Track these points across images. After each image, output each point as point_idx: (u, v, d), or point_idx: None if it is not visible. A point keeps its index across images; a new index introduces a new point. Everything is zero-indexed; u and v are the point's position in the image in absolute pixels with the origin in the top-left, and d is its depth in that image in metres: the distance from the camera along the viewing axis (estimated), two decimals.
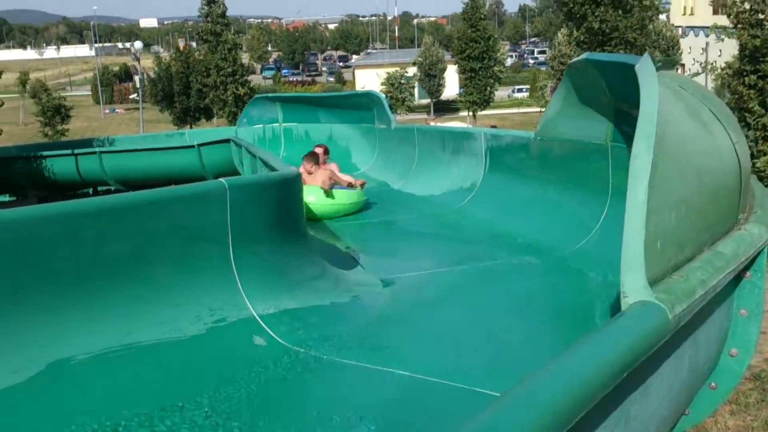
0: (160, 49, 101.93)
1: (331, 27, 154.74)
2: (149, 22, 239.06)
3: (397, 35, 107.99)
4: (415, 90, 53.96)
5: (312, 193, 7.27)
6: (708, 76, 16.66)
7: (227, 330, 3.56)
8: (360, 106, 12.06)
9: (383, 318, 4.22)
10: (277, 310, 3.82)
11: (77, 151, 15.17)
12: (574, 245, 5.36)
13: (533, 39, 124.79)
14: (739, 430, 5.96)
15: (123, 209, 3.33)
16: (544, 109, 8.09)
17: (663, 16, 38.98)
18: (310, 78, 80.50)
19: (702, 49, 30.96)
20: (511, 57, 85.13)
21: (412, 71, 52.29)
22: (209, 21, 38.36)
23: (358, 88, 53.45)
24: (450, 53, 51.44)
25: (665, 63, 3.40)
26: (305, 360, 3.50)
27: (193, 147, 13.65)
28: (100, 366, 3.07)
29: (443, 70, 53.39)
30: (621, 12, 19.51)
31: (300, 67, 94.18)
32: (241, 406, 3.05)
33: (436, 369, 3.35)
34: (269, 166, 6.18)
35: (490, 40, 44.28)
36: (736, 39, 14.11)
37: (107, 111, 65.52)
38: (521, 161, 7.20)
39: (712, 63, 15.66)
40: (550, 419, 1.42)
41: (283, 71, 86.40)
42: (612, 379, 1.67)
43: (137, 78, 43.91)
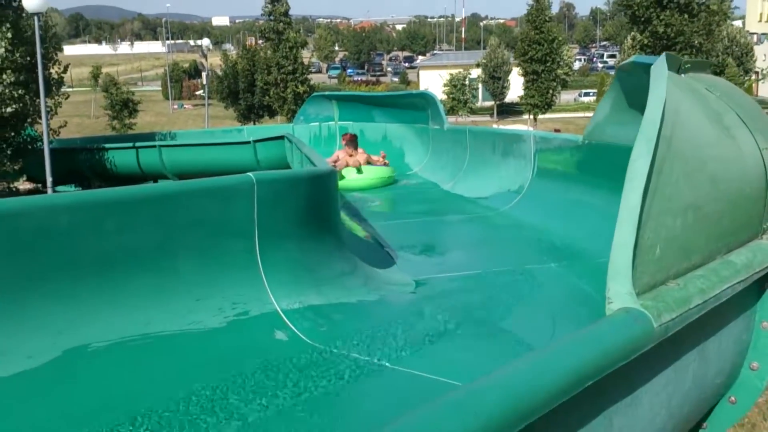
0: (230, 47, 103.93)
1: (399, 27, 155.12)
2: (221, 20, 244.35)
3: (464, 37, 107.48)
4: (479, 92, 53.62)
5: (355, 172, 9.58)
6: None
7: (249, 323, 3.56)
8: (414, 106, 12.05)
9: (410, 318, 4.16)
10: (302, 305, 3.80)
11: (138, 144, 15.65)
12: None
13: (603, 43, 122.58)
14: None
15: (148, 200, 3.35)
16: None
17: (738, 22, 37.80)
18: (374, 78, 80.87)
19: None
20: (580, 60, 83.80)
21: (475, 73, 51.95)
22: (272, 19, 38.95)
23: (421, 88, 53.44)
24: (514, 55, 50.97)
25: (694, 65, 3.25)
26: (326, 356, 3.47)
27: (249, 143, 13.90)
28: (117, 354, 3.10)
29: (508, 72, 52.88)
30: (687, 16, 18.97)
31: (365, 67, 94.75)
32: (258, 399, 3.05)
33: (460, 373, 3.29)
34: (311, 161, 6.22)
35: (554, 42, 43.64)
36: None
37: (175, 106, 67.19)
38: (569, 165, 7.05)
39: None
40: (499, 416, 1.37)
41: (348, 71, 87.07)
42: (578, 383, 1.60)
43: (204, 74, 44.89)
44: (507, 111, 55.82)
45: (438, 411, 1.44)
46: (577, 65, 74.71)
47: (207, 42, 44.55)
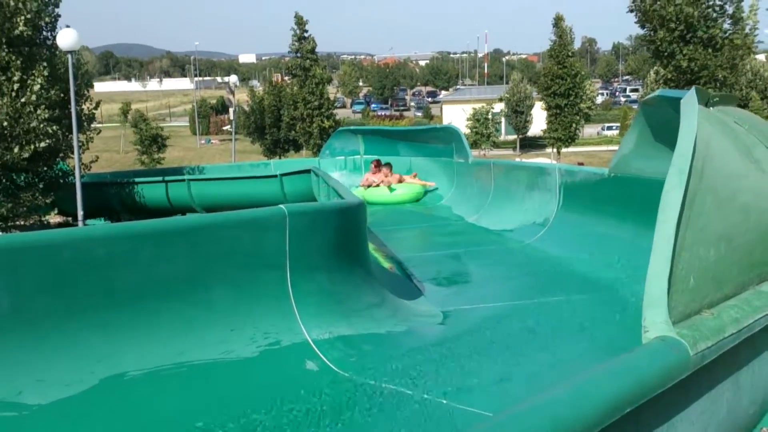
0: (257, 83, 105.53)
1: (422, 63, 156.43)
2: (248, 57, 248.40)
3: (486, 72, 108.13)
4: (502, 126, 53.74)
5: (392, 188, 11.84)
6: None
7: (280, 353, 3.61)
8: (439, 139, 12.17)
9: (438, 349, 4.18)
10: (332, 336, 3.84)
11: (167, 179, 15.90)
12: (644, 285, 5.20)
13: (626, 77, 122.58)
14: None
15: (182, 232, 3.44)
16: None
17: (761, 56, 37.62)
18: (398, 113, 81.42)
19: None
20: (602, 95, 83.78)
21: (498, 107, 52.14)
22: (299, 56, 39.54)
23: (444, 122, 53.67)
24: (536, 90, 51.10)
25: (722, 98, 3.30)
26: (356, 386, 3.50)
27: (276, 176, 14.06)
28: (151, 384, 3.16)
29: (531, 106, 53.01)
30: (711, 50, 18.92)
31: (389, 102, 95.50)
32: (290, 428, 3.08)
33: (490, 403, 3.30)
34: (338, 194, 6.30)
35: (577, 77, 43.75)
36: None
37: (203, 141, 68.07)
38: (595, 198, 7.07)
39: None
40: None
41: (372, 106, 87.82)
42: (617, 410, 1.62)
43: (231, 110, 45.53)
44: (530, 145, 55.84)
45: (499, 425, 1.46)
46: (600, 99, 74.66)
47: (234, 78, 45.21)
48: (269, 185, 14.24)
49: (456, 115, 53.73)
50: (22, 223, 15.67)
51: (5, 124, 14.00)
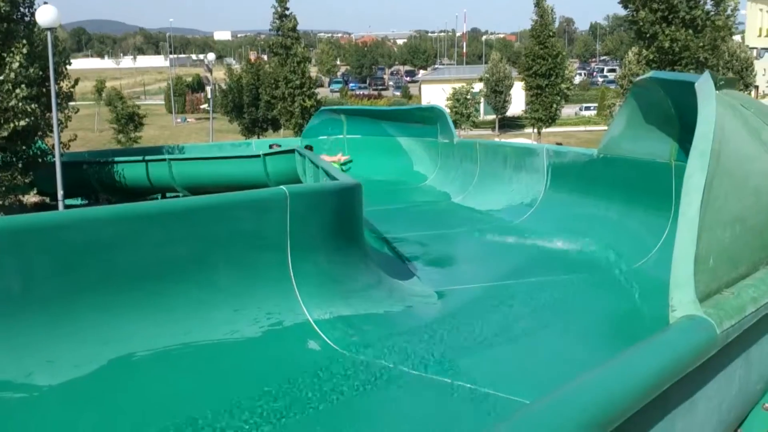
0: (232, 61, 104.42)
1: (400, 42, 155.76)
2: (223, 34, 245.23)
3: (465, 51, 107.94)
4: (481, 106, 53.78)
5: None
6: None
7: (283, 334, 3.64)
8: (423, 120, 12.15)
9: (436, 329, 4.24)
10: (332, 316, 3.89)
11: (148, 158, 15.75)
12: (632, 264, 5.29)
13: (603, 57, 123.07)
14: None
15: (186, 213, 3.44)
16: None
17: (737, 37, 37.94)
18: (376, 92, 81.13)
19: None
20: (580, 75, 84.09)
21: (478, 87, 52.15)
22: (280, 35, 39.16)
23: (423, 102, 53.58)
24: (517, 70, 51.16)
25: (727, 82, 3.36)
26: (357, 366, 3.55)
27: (259, 156, 13.98)
28: (159, 364, 3.18)
29: (510, 86, 53.10)
30: (692, 32, 19.08)
31: (367, 81, 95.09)
32: (294, 408, 3.12)
33: (481, 377, 3.37)
34: (330, 175, 6.30)
35: (557, 57, 43.91)
36: None
37: (179, 120, 67.38)
38: (583, 178, 7.13)
39: None
40: (586, 423, 1.44)
41: (351, 85, 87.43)
42: (655, 389, 1.68)
43: (209, 89, 45.07)
44: (508, 125, 56.01)
45: (534, 415, 1.51)
46: (578, 80, 74.94)
47: (212, 56, 44.71)
48: (252, 165, 14.15)
49: (435, 95, 53.69)
50: (0, 203, 15.46)
51: None
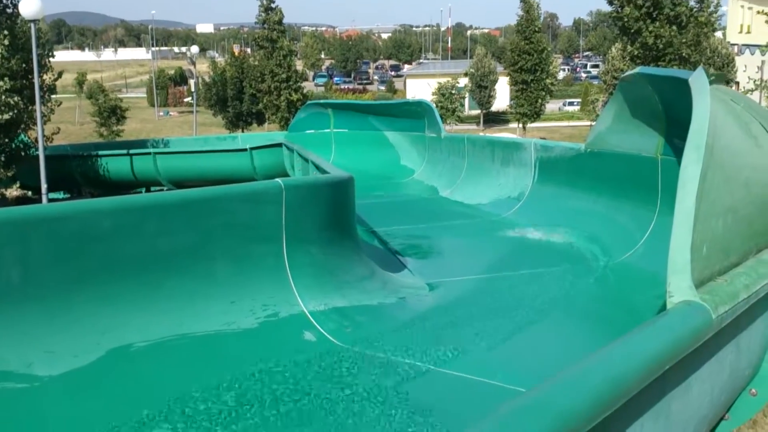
0: (215, 54, 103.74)
1: (385, 36, 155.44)
2: (206, 27, 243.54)
3: (450, 46, 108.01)
4: (466, 101, 53.86)
5: None
6: (762, 93, 16.41)
7: (279, 325, 3.69)
8: (411, 114, 12.19)
9: (427, 320, 4.31)
10: (327, 307, 3.94)
11: (132, 152, 15.65)
12: (619, 256, 5.38)
13: (587, 53, 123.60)
14: None
15: (183, 205, 3.48)
16: (594, 123, 8.13)
17: (719, 33, 38.24)
18: (361, 86, 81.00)
19: (757, 67, 30.34)
20: (564, 70, 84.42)
21: (463, 82, 52.22)
22: (266, 28, 38.95)
23: (408, 97, 53.57)
24: (502, 65, 51.25)
25: (717, 77, 3.44)
26: (352, 356, 3.60)
27: (246, 150, 13.95)
28: (156, 355, 3.22)
29: (495, 81, 53.20)
30: (676, 28, 19.25)
31: (352, 75, 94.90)
32: (289, 396, 3.17)
33: (474, 367, 3.44)
34: (321, 169, 6.32)
35: (543, 52, 44.06)
36: None
37: (161, 113, 66.89)
38: (570, 172, 7.21)
39: (766, 81, 15.41)
40: (588, 405, 1.50)
41: (335, 79, 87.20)
42: (653, 372, 1.74)
43: (192, 82, 44.75)
44: (493, 120, 56.13)
45: (543, 395, 1.57)
46: (561, 75, 75.23)
47: (195, 49, 44.39)
48: (238, 159, 14.10)
49: (420, 89, 53.69)
50: None
51: None
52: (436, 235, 7.31)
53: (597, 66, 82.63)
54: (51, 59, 17.97)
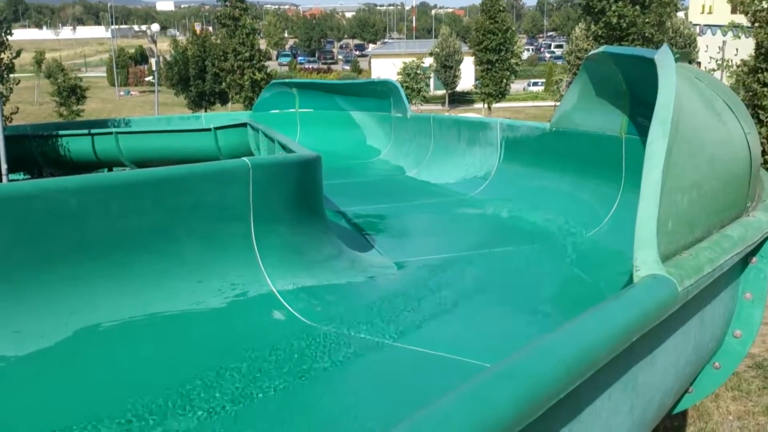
0: (176, 33, 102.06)
1: (349, 15, 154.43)
2: (166, 5, 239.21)
3: (414, 26, 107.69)
4: (431, 81, 53.89)
5: None
6: (723, 73, 16.72)
7: (248, 304, 3.68)
8: (376, 94, 12.14)
9: (396, 298, 4.33)
10: (296, 287, 3.93)
11: (94, 131, 15.37)
12: (585, 233, 5.47)
13: (551, 33, 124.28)
14: (741, 414, 6.10)
15: (151, 184, 3.44)
16: (558, 103, 8.23)
17: (681, 13, 38.74)
18: (325, 66, 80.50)
19: (719, 48, 30.87)
20: (528, 50, 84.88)
21: (428, 62, 52.21)
22: (228, 5, 38.41)
23: (373, 77, 53.38)
24: (467, 45, 51.31)
25: (682, 55, 3.50)
26: (321, 335, 3.61)
27: (209, 130, 13.78)
28: (124, 335, 3.19)
29: (459, 61, 53.29)
30: (639, 8, 19.47)
31: (316, 55, 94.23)
32: (259, 377, 3.17)
33: (444, 344, 3.49)
34: (287, 149, 6.29)
35: (507, 32, 44.24)
36: (752, 37, 14.15)
37: (122, 93, 65.80)
38: (536, 152, 7.28)
39: (727, 60, 15.69)
40: (559, 375, 1.53)
41: (299, 58, 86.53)
42: (621, 343, 1.79)
43: (153, 61, 43.99)
44: (458, 100, 56.30)
45: (514, 365, 1.60)
46: (526, 55, 75.63)
47: (156, 27, 43.51)
48: (202, 139, 13.92)
49: (385, 69, 53.62)
50: None
51: None
52: (403, 215, 7.34)
53: (561, 46, 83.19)
54: (9, 37, 17.53)
